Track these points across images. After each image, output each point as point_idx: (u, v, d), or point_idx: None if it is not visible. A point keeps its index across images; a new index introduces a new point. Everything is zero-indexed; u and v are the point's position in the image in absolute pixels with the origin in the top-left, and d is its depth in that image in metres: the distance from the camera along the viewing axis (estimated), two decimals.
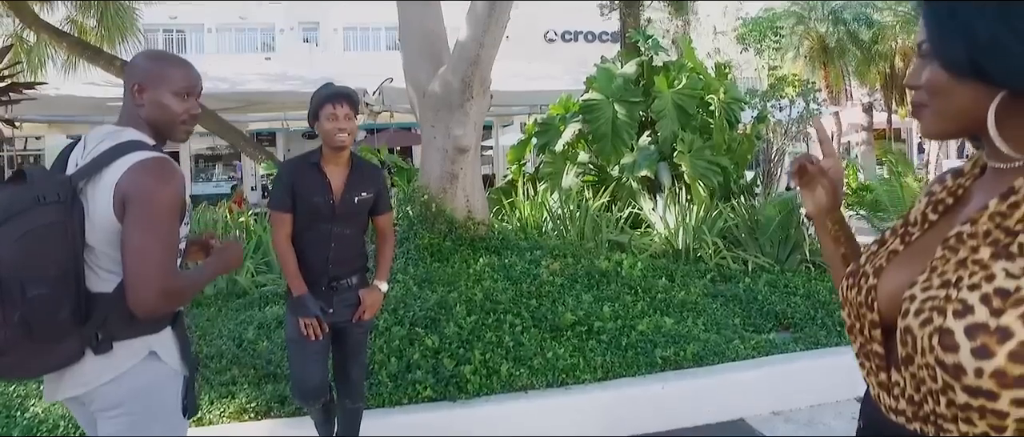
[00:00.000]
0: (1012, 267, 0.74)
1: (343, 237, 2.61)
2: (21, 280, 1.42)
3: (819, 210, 1.11)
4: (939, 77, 0.82)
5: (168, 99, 1.66)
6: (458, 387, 3.30)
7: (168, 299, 1.55)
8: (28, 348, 1.46)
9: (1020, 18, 0.73)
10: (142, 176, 1.52)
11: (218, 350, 3.77)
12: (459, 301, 4.03)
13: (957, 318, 0.74)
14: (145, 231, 1.49)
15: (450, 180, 5.06)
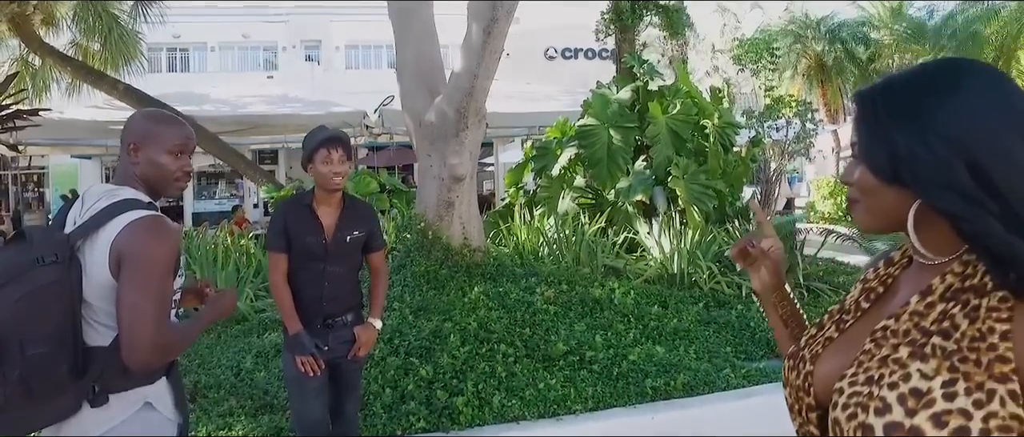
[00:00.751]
0: (926, 368, 0.79)
1: (337, 276, 2.68)
2: (20, 339, 1.48)
3: (764, 288, 1.17)
4: (867, 179, 0.88)
5: (162, 157, 1.74)
6: (451, 418, 3.35)
7: (161, 353, 1.61)
8: (26, 404, 1.52)
9: (935, 138, 0.80)
10: (137, 234, 1.58)
11: (216, 380, 3.82)
12: (454, 330, 4.09)
13: (877, 416, 0.79)
14: (139, 288, 1.55)
15: (446, 208, 5.13)
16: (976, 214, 0.77)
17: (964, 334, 0.79)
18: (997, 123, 0.78)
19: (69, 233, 1.63)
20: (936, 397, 0.76)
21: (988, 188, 0.77)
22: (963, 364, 0.77)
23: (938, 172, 0.79)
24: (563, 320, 4.41)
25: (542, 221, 6.44)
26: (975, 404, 0.74)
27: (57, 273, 1.53)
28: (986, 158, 0.77)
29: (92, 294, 1.60)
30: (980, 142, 0.78)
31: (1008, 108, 0.79)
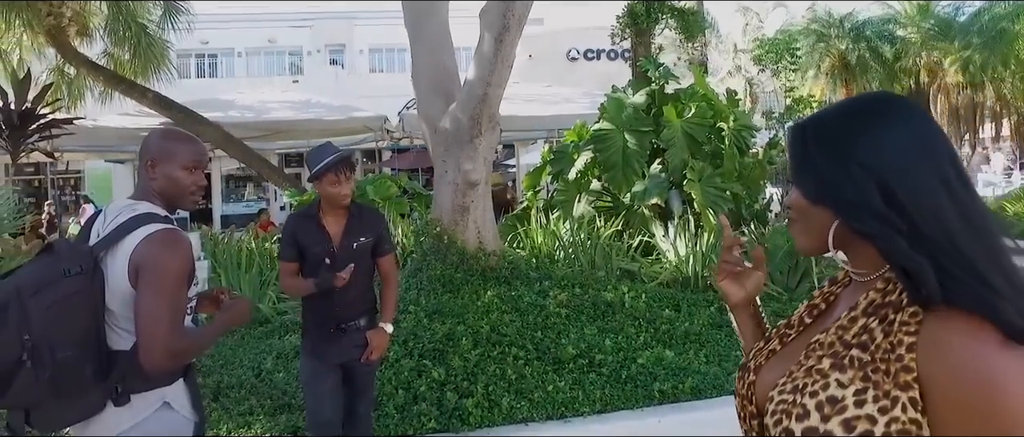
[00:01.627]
0: (843, 378, 0.85)
1: (347, 282, 2.76)
2: (50, 344, 1.61)
3: (743, 302, 1.22)
4: (799, 201, 0.96)
5: (178, 172, 1.87)
6: (461, 419, 3.44)
7: (175, 358, 1.73)
8: (57, 402, 1.66)
9: (853, 164, 0.87)
10: (153, 247, 1.71)
11: (238, 380, 3.97)
12: (466, 333, 4.18)
13: (797, 421, 0.86)
14: (155, 297, 1.68)
15: (461, 212, 5.22)
16: (884, 232, 0.84)
17: (879, 346, 0.85)
18: (907, 152, 0.86)
19: (92, 245, 1.76)
20: (848, 404, 0.83)
21: (897, 209, 0.84)
22: (875, 374, 0.83)
23: (854, 194, 0.87)
24: (574, 323, 4.47)
25: (558, 225, 6.51)
26: (880, 410, 0.81)
27: (82, 283, 1.66)
28: (896, 182, 0.84)
29: (114, 302, 1.73)
30: (891, 168, 0.85)
31: (918, 139, 0.87)
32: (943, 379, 0.78)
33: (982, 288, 0.79)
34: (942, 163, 0.86)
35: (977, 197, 0.87)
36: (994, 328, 0.78)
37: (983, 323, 0.79)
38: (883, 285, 0.90)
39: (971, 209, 0.84)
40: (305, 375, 2.85)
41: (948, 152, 0.87)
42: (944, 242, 0.82)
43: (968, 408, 0.77)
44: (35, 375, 1.61)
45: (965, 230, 0.82)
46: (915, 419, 0.80)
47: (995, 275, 0.81)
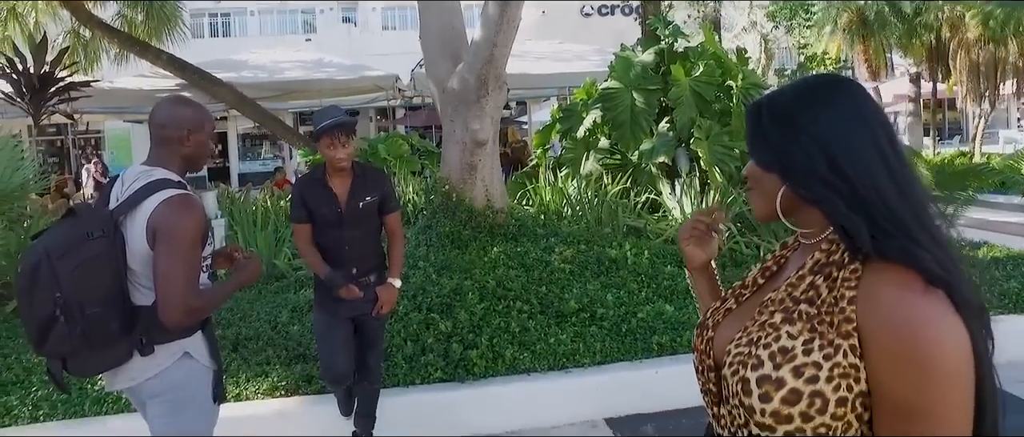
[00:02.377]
0: (792, 330, 0.94)
1: (356, 240, 2.90)
2: (80, 302, 1.77)
3: (706, 262, 1.31)
4: (754, 169, 1.05)
5: (207, 140, 2.03)
6: (466, 369, 3.61)
7: (192, 315, 1.87)
8: (89, 353, 1.83)
9: (803, 135, 0.96)
10: (169, 211, 1.84)
11: (255, 332, 4.17)
12: (472, 288, 4.33)
13: (752, 370, 0.95)
14: (171, 258, 1.81)
15: (469, 171, 5.33)
16: (826, 195, 0.94)
17: (824, 301, 0.94)
18: (849, 126, 0.96)
19: (112, 210, 1.89)
20: (797, 353, 0.93)
21: (839, 175, 0.93)
22: (820, 325, 0.93)
23: (801, 162, 0.96)
24: (578, 279, 4.60)
25: (566, 182, 6.59)
26: (825, 357, 0.91)
27: (104, 246, 1.80)
28: (838, 152, 0.94)
29: (135, 262, 1.87)
30: (834, 140, 0.95)
31: (859, 116, 0.97)
32: (874, 324, 0.88)
33: (908, 242, 0.89)
34: (879, 136, 0.95)
35: (907, 165, 0.96)
36: (918, 276, 0.88)
37: (909, 273, 0.88)
38: (827, 247, 0.99)
39: (901, 175, 0.94)
40: (318, 329, 3.01)
41: (884, 127, 0.97)
42: (878, 203, 0.91)
43: (893, 346, 0.86)
44: (68, 329, 1.77)
45: (895, 193, 0.92)
46: (854, 363, 0.89)
47: (919, 231, 0.91)
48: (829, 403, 0.90)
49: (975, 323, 0.89)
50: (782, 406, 0.92)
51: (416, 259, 4.85)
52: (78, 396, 3.48)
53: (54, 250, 1.76)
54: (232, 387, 3.50)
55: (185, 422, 2.01)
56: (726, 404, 1.03)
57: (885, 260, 0.90)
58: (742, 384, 0.96)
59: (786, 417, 0.92)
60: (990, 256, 5.45)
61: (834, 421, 0.91)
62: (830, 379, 0.90)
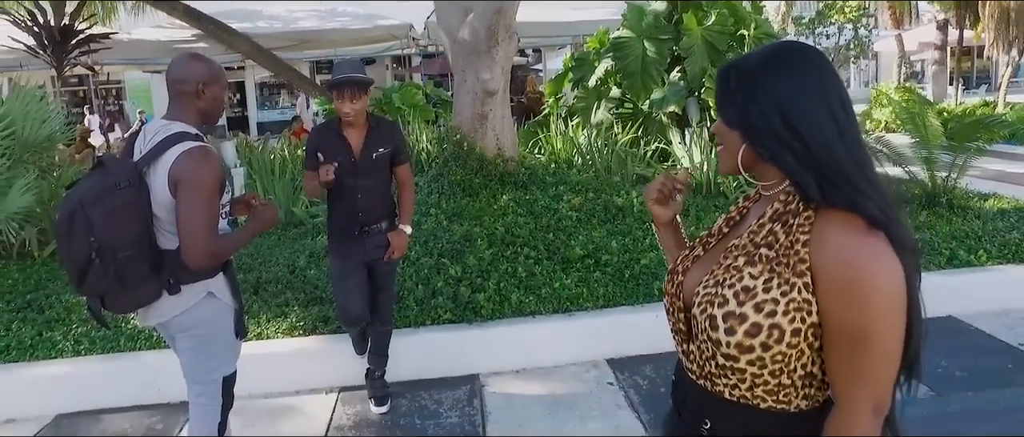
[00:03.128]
0: (754, 271, 1.07)
1: (368, 189, 3.02)
2: (112, 246, 1.94)
3: (671, 218, 1.41)
4: (720, 126, 1.15)
5: (221, 94, 2.16)
6: (474, 311, 3.79)
7: (212, 258, 2.04)
8: (123, 291, 2.02)
9: (764, 97, 1.06)
10: (189, 162, 1.97)
11: (275, 276, 4.38)
12: (482, 234, 4.49)
13: (719, 307, 1.07)
14: (192, 206, 1.96)
15: (480, 120, 5.42)
16: (780, 152, 1.05)
17: (781, 245, 1.06)
18: (804, 90, 1.05)
19: (136, 161, 2.04)
20: (758, 291, 1.05)
21: (794, 134, 1.03)
22: (778, 266, 1.05)
23: (760, 120, 1.06)
24: (585, 226, 4.73)
25: (576, 131, 6.65)
26: (783, 294, 1.03)
27: (131, 195, 1.96)
28: (795, 113, 1.04)
29: (160, 210, 2.03)
30: (792, 102, 1.04)
31: (815, 81, 1.06)
32: (824, 262, 1.00)
33: (852, 191, 1.01)
34: (832, 100, 1.04)
35: (855, 126, 1.07)
36: (861, 220, 0.99)
37: (853, 217, 1.00)
38: (785, 198, 1.10)
39: (849, 135, 1.04)
40: (334, 273, 3.17)
41: (838, 92, 1.06)
42: (827, 158, 1.02)
43: (839, 280, 0.99)
44: (103, 270, 1.95)
45: (843, 150, 1.03)
46: (807, 298, 1.02)
47: (863, 182, 1.02)
48: (785, 334, 1.03)
49: (908, 260, 1.01)
50: (745, 338, 1.05)
51: (428, 206, 5.00)
52: (115, 333, 3.74)
53: (87, 199, 1.92)
54: (254, 327, 3.72)
55: (210, 354, 2.21)
56: (695, 340, 1.16)
57: (833, 208, 1.02)
58: (710, 320, 1.08)
59: (748, 348, 1.05)
60: (996, 208, 5.46)
61: (789, 349, 1.04)
62: (786, 313, 1.03)
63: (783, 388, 1.09)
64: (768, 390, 1.09)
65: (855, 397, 1.01)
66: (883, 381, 1.01)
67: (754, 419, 1.12)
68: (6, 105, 5.18)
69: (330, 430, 3.18)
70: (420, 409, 3.33)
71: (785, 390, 1.09)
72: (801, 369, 1.07)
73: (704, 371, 1.16)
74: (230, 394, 2.30)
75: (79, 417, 3.46)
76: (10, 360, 3.66)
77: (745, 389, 1.10)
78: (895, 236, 1.00)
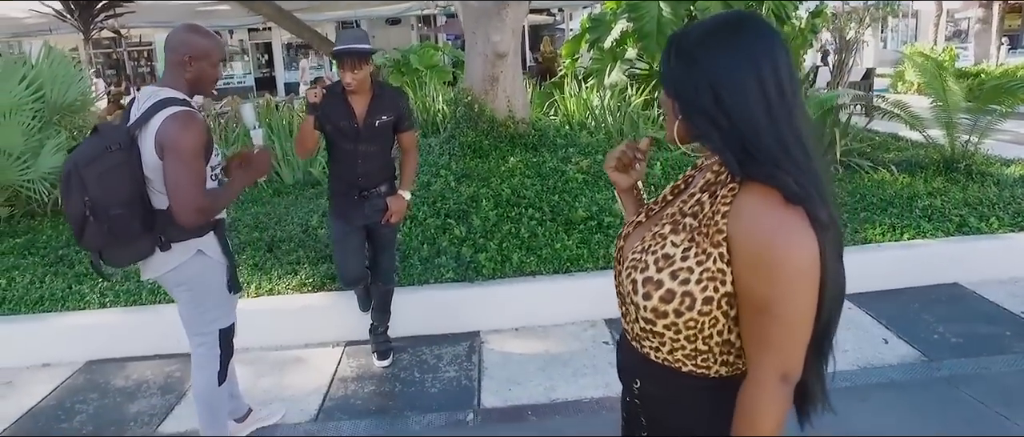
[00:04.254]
0: (676, 239, 1.09)
1: (369, 154, 3.06)
2: (104, 204, 2.08)
3: (632, 184, 1.43)
4: (665, 98, 1.16)
5: (209, 68, 2.24)
6: (475, 271, 3.91)
7: (202, 214, 2.15)
8: (116, 247, 2.17)
9: (698, 71, 1.05)
10: (172, 126, 2.08)
11: (289, 234, 4.55)
12: (488, 196, 4.57)
13: (640, 273, 1.11)
14: (177, 167, 2.08)
15: (491, 82, 5.45)
16: (706, 130, 1.05)
17: (705, 215, 1.08)
18: (738, 66, 1.03)
19: (128, 126, 2.15)
20: (676, 259, 1.08)
21: (722, 109, 1.03)
22: (698, 236, 1.07)
23: (692, 93, 1.06)
24: (591, 188, 4.78)
25: (591, 93, 6.63)
26: (698, 263, 1.06)
27: (122, 157, 2.09)
28: (725, 89, 1.03)
29: (149, 171, 2.15)
30: (724, 78, 1.03)
31: (750, 57, 1.03)
32: (739, 233, 1.02)
33: (773, 167, 1.02)
34: (764, 76, 1.02)
35: (790, 100, 1.03)
36: (779, 195, 1.00)
37: (772, 192, 1.00)
38: (717, 168, 1.12)
39: (779, 112, 1.02)
40: (334, 235, 3.22)
41: (772, 65, 1.03)
42: (751, 135, 1.02)
43: (752, 250, 1.01)
44: (97, 227, 2.09)
45: (768, 127, 1.02)
46: (722, 268, 1.04)
47: (785, 159, 1.02)
48: (696, 301, 1.06)
49: (826, 236, 1.01)
50: (660, 303, 1.08)
51: (438, 168, 5.09)
52: (136, 286, 3.95)
53: (81, 161, 2.07)
54: (265, 283, 3.90)
55: (205, 308, 2.36)
56: (625, 302, 1.20)
57: (755, 181, 1.03)
58: (632, 285, 1.12)
59: (663, 313, 1.09)
60: (1018, 174, 5.34)
61: (701, 317, 1.07)
62: (699, 281, 1.05)
63: (700, 353, 1.12)
64: (686, 355, 1.13)
65: (762, 364, 1.04)
66: (790, 351, 1.03)
67: (676, 382, 1.16)
68: (36, 69, 5.38)
69: (334, 381, 3.35)
70: (420, 363, 3.48)
71: (703, 356, 1.12)
72: (718, 336, 1.10)
73: (634, 332, 1.20)
74: (228, 344, 2.45)
75: (106, 363, 3.70)
76: (44, 310, 3.91)
77: (666, 352, 1.15)
78: (812, 212, 1.00)
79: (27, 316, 3.87)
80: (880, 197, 4.84)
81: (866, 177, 5.28)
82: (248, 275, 4.02)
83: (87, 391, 3.43)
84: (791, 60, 1.08)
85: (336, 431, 2.92)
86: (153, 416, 3.15)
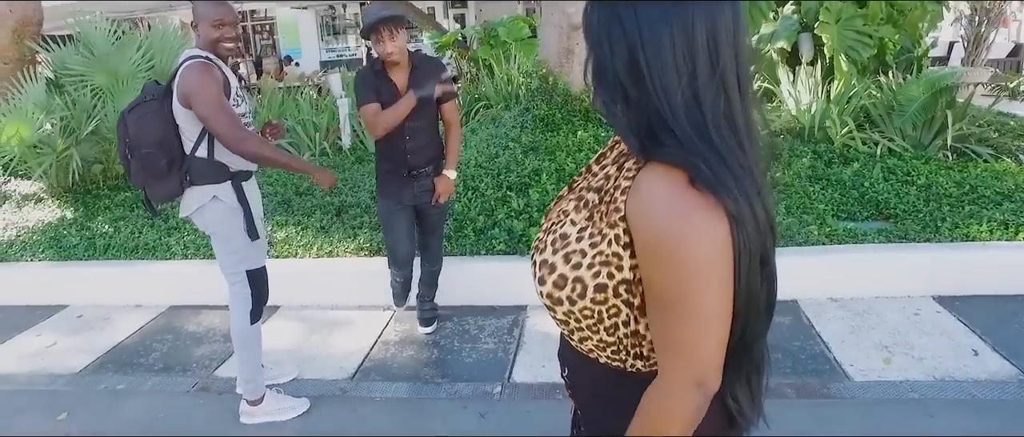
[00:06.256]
0: (577, 217, 0.95)
1: (416, 130, 2.97)
2: (139, 144, 2.38)
3: None
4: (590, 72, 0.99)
5: (209, 29, 2.41)
6: (526, 245, 3.87)
7: (245, 143, 2.36)
8: (151, 183, 2.45)
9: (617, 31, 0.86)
10: (187, 75, 2.33)
11: (357, 200, 4.72)
12: (550, 169, 4.51)
13: (540, 253, 0.99)
14: (205, 108, 2.32)
15: (566, 55, 5.35)
16: (608, 97, 0.89)
17: (607, 191, 0.93)
18: (662, 30, 0.84)
19: (166, 83, 2.43)
20: (571, 239, 0.94)
21: (636, 80, 0.85)
22: (596, 214, 0.93)
23: (607, 58, 0.88)
24: None
25: None
26: (591, 245, 0.92)
27: (155, 106, 2.39)
28: (643, 54, 0.84)
29: (179, 118, 2.40)
30: (642, 40, 0.84)
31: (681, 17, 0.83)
32: (635, 214, 0.86)
33: (680, 149, 0.84)
34: (695, 47, 0.83)
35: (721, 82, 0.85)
36: (684, 177, 0.83)
37: (677, 172, 0.83)
38: None
39: (704, 92, 0.84)
40: (384, 215, 3.15)
41: (708, 33, 0.84)
42: (666, 113, 0.84)
43: (648, 236, 0.85)
44: (135, 164, 2.41)
45: (689, 107, 0.84)
46: (617, 252, 0.90)
47: (700, 142, 0.83)
48: (587, 289, 0.93)
49: (742, 234, 0.84)
50: (553, 289, 0.96)
51: (508, 140, 5.08)
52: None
53: (126, 110, 2.42)
54: (326, 245, 4.07)
55: (230, 251, 2.57)
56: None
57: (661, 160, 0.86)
58: (533, 266, 1.01)
59: (557, 300, 0.96)
60: None
61: (595, 306, 0.94)
62: (591, 266, 0.92)
63: (608, 345, 0.99)
64: (596, 345, 1.01)
65: (671, 366, 0.89)
66: (702, 354, 0.87)
67: (595, 373, 1.04)
68: (149, 40, 5.86)
69: (377, 343, 3.46)
70: (462, 333, 3.51)
71: (611, 348, 0.99)
72: (624, 327, 0.96)
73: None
74: (258, 287, 2.64)
75: (184, 309, 4.03)
76: (138, 258, 4.31)
77: (577, 341, 1.03)
78: (728, 204, 0.82)
79: (125, 262, 4.29)
80: (996, 189, 4.30)
81: (982, 166, 4.70)
82: (312, 237, 4.22)
83: (164, 332, 3.75)
84: (740, 29, 0.87)
85: (367, 391, 3.02)
86: (213, 360, 3.39)
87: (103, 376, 3.31)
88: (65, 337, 3.79)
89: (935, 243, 3.73)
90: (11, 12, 6.20)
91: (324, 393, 3.01)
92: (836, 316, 3.48)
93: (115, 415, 2.95)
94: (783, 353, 3.12)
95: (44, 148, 5.27)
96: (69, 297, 4.23)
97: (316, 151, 6.07)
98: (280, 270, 3.46)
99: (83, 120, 5.37)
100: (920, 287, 3.62)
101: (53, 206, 5.23)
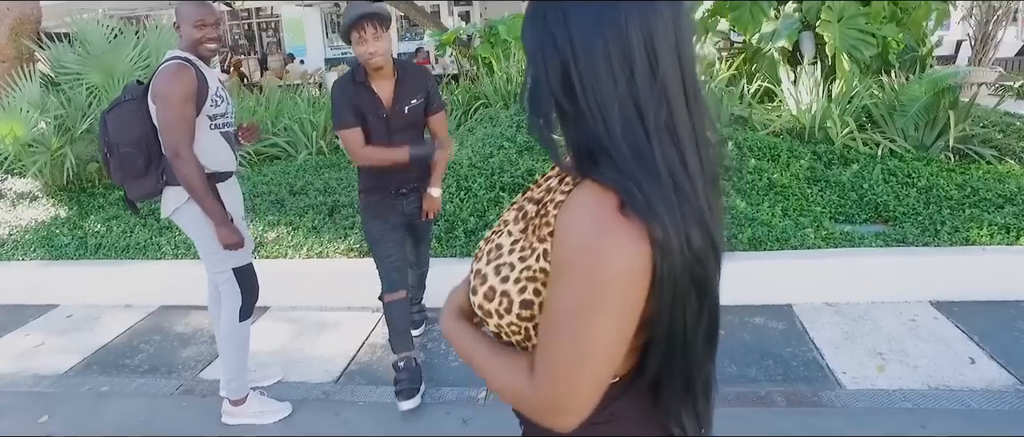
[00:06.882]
0: (514, 229, 0.91)
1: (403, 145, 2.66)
2: (117, 143, 2.39)
3: None
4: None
5: (189, 29, 2.41)
6: None
7: (177, 159, 2.35)
8: (129, 182, 2.46)
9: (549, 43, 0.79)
10: (159, 77, 2.34)
11: (350, 200, 4.68)
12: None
13: (476, 262, 0.94)
14: (163, 112, 2.32)
15: None
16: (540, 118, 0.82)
17: (544, 204, 0.87)
18: (594, 41, 0.78)
19: (146, 83, 2.42)
20: (504, 252, 0.90)
21: (569, 96, 0.79)
22: (531, 227, 0.88)
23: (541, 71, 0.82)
24: None
25: None
26: (521, 259, 0.87)
27: (134, 106, 2.40)
28: (578, 69, 0.78)
29: (155, 118, 2.39)
30: (575, 52, 0.78)
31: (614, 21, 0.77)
32: (559, 230, 0.80)
33: (615, 172, 0.77)
34: (631, 55, 0.77)
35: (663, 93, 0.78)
36: (615, 199, 0.76)
37: (608, 193, 0.77)
38: None
39: (644, 104, 0.78)
40: (373, 236, 2.81)
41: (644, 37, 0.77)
42: (601, 131, 0.78)
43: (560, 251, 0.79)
44: (113, 162, 2.43)
45: (626, 121, 0.78)
46: (544, 268, 0.84)
47: (635, 164, 0.77)
48: (513, 304, 0.88)
49: (672, 262, 0.77)
50: (484, 301, 0.91)
51: (503, 139, 5.03)
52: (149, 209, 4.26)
53: (106, 110, 2.44)
54: (316, 246, 4.04)
55: (211, 249, 2.56)
56: None
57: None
58: (470, 276, 0.95)
59: (487, 312, 0.91)
60: None
61: (522, 322, 0.89)
62: (517, 281, 0.87)
63: None
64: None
65: (541, 382, 0.82)
66: (566, 381, 0.80)
67: None
68: (145, 38, 5.85)
69: (363, 346, 3.43)
70: None
71: None
72: None
73: None
74: (247, 283, 2.64)
75: (174, 310, 4.01)
76: (129, 257, 4.29)
77: None
78: (651, 229, 0.75)
79: (116, 261, 4.27)
80: (998, 192, 4.21)
81: (985, 168, 4.61)
82: (304, 237, 4.18)
83: (152, 333, 3.73)
84: (683, 31, 0.79)
85: (351, 395, 2.98)
86: (198, 362, 3.37)
87: (88, 377, 3.29)
88: (53, 337, 3.77)
89: (934, 247, 3.65)
90: (9, 10, 6.19)
91: (307, 396, 2.97)
92: (831, 321, 3.41)
93: (97, 417, 2.92)
94: (774, 359, 3.06)
95: (38, 146, 5.26)
96: (60, 296, 4.23)
97: (313, 150, 6.04)
98: (269, 270, 3.43)
99: (78, 118, 5.37)
100: (917, 292, 3.55)
101: (47, 204, 5.23)
